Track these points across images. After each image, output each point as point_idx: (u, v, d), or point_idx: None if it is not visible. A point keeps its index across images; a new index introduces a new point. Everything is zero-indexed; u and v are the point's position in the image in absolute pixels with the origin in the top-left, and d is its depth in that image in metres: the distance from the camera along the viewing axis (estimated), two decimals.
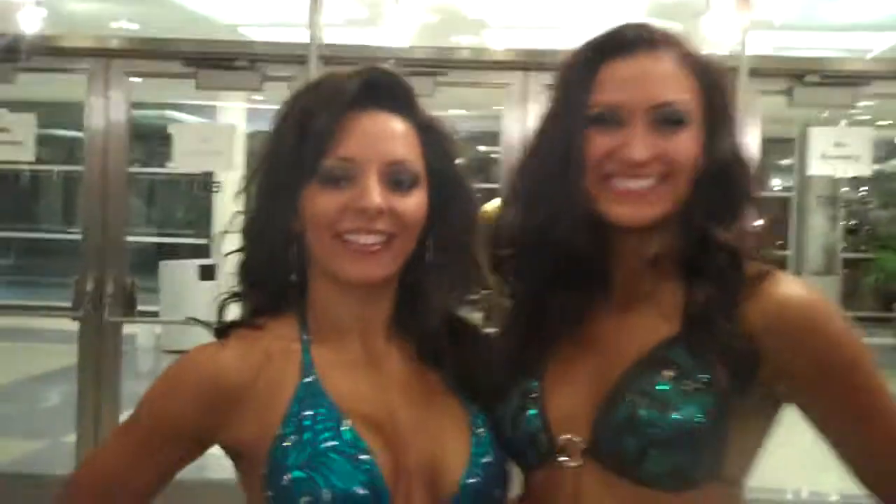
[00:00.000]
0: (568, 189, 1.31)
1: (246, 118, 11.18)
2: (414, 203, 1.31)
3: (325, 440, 1.24)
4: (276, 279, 1.37)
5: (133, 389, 5.24)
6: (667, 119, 1.30)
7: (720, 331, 1.24)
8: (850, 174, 5.67)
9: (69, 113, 7.29)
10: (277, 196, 1.32)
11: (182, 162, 5.17)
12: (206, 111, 12.02)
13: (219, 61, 4.97)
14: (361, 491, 1.22)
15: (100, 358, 5.15)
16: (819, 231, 15.35)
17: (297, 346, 1.33)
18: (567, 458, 1.28)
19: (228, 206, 10.34)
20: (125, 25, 8.51)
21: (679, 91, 1.30)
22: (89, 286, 5.02)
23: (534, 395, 1.31)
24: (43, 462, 6.50)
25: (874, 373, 1.28)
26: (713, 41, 5.88)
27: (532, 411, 1.30)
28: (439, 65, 5.07)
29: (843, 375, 1.26)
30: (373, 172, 1.28)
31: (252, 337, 1.34)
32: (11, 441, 6.97)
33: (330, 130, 1.27)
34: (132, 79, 5.09)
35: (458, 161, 1.38)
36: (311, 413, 1.26)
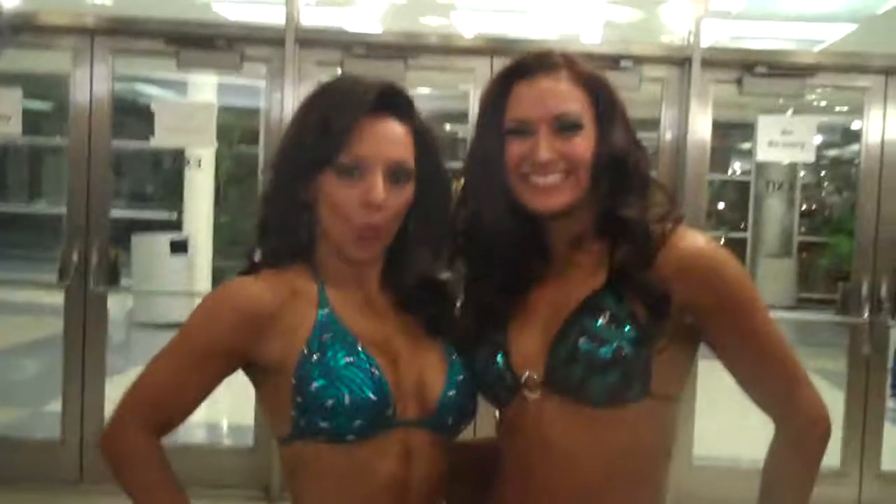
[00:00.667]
0: (497, 187, 1.65)
1: (216, 93, 11.32)
2: (407, 195, 1.63)
3: (344, 357, 1.55)
4: (290, 237, 1.64)
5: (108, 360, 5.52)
6: (564, 126, 1.61)
7: (637, 279, 1.57)
8: (796, 160, 5.98)
9: (36, 87, 7.37)
10: (297, 176, 1.61)
11: (163, 138, 5.41)
12: (178, 85, 12.16)
13: (199, 41, 5.22)
14: (373, 397, 1.53)
15: (85, 327, 5.38)
16: (776, 215, 15.77)
17: (313, 285, 1.63)
18: (529, 392, 1.59)
19: (200, 181, 10.54)
20: (99, 0, 8.62)
21: (572, 103, 1.62)
22: (74, 257, 5.25)
23: (500, 345, 1.63)
24: (25, 428, 6.71)
25: (761, 306, 1.61)
26: (670, 30, 6.19)
27: (500, 356, 1.62)
28: (409, 50, 5.34)
29: (737, 307, 1.58)
30: (379, 170, 1.58)
31: (277, 275, 1.62)
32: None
33: (349, 131, 1.57)
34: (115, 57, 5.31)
35: (439, 157, 1.69)
36: (330, 336, 1.56)
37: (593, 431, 1.55)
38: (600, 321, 1.54)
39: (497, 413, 1.69)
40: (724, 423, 5.40)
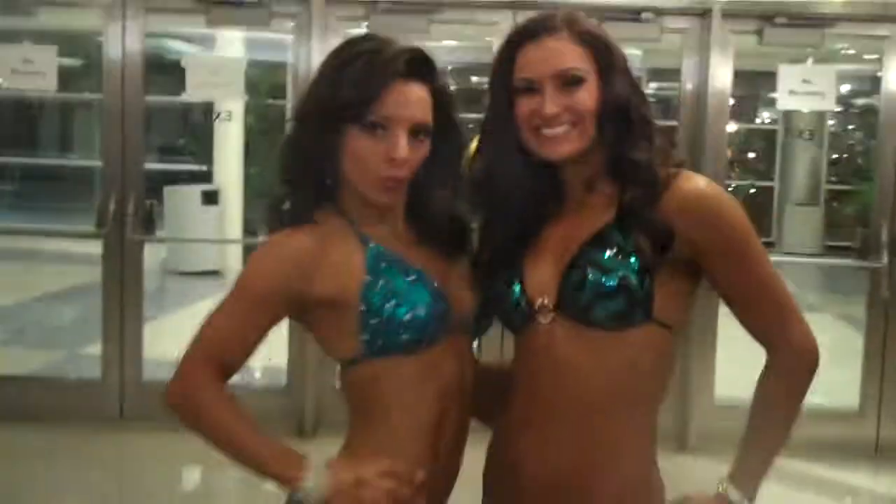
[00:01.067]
0: (512, 140, 1.80)
1: (245, 47, 11.44)
2: (424, 149, 1.78)
3: (406, 278, 1.74)
4: (314, 183, 1.79)
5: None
6: (567, 81, 1.74)
7: (643, 216, 1.71)
8: (817, 108, 6.05)
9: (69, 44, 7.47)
10: (324, 127, 1.75)
11: (194, 92, 5.58)
12: (206, 41, 12.27)
13: None
14: (441, 306, 1.75)
15: (123, 273, 5.61)
16: (804, 163, 15.76)
17: (347, 226, 1.79)
18: (542, 317, 1.75)
19: (229, 134, 10.69)
20: None
21: (573, 60, 1.75)
22: (111, 207, 5.46)
23: (516, 276, 1.79)
24: (63, 370, 6.98)
25: (756, 244, 1.74)
26: None
27: (517, 286, 1.78)
28: (433, 5, 5.45)
29: (734, 244, 1.72)
30: (403, 130, 1.73)
31: (310, 227, 1.77)
32: (32, 351, 7.46)
33: (379, 92, 1.71)
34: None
35: (453, 111, 1.84)
36: (385, 264, 1.74)
37: (598, 353, 1.71)
38: (608, 253, 1.70)
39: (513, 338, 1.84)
40: (744, 365, 5.54)
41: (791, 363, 1.75)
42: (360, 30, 5.47)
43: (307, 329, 1.83)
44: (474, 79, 12.30)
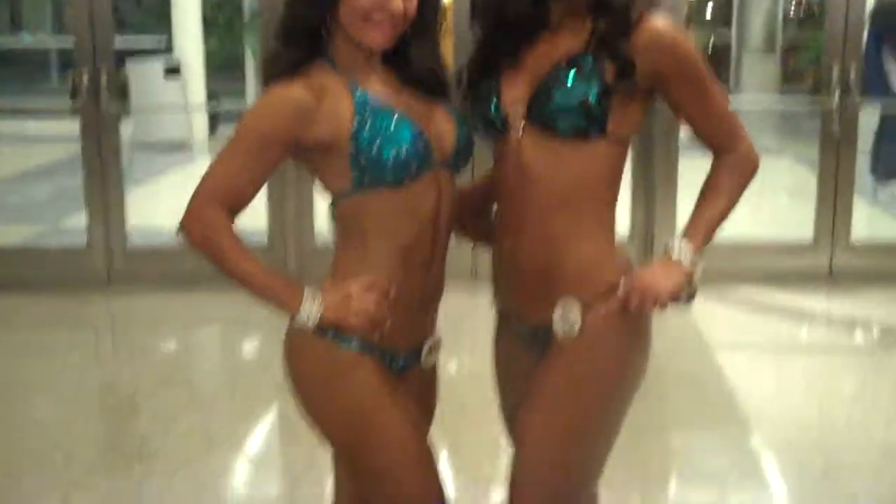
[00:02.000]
0: None
1: None
2: (414, 4, 1.95)
3: (389, 121, 1.92)
4: (308, 35, 1.95)
5: None
6: None
7: (611, 47, 1.92)
8: None
9: None
10: None
11: None
12: None
13: None
14: (421, 146, 1.93)
15: (100, 144, 5.77)
16: (761, 13, 15.85)
17: (337, 77, 1.96)
18: (514, 128, 1.97)
19: (187, 6, 10.71)
20: None
21: None
22: (85, 81, 5.58)
23: (494, 91, 2.00)
24: (44, 240, 7.22)
25: (707, 73, 1.97)
26: None
27: (494, 99, 1.99)
28: None
29: (690, 72, 1.95)
30: None
31: (304, 78, 1.93)
32: (13, 226, 7.63)
33: None
34: None
35: None
36: (371, 108, 1.92)
37: (559, 160, 1.95)
38: (573, 75, 1.92)
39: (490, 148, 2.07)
40: None
41: (737, 161, 2.02)
42: None
43: (304, 168, 2.02)
44: None
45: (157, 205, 8.58)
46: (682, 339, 5.10)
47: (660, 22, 1.94)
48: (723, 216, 2.01)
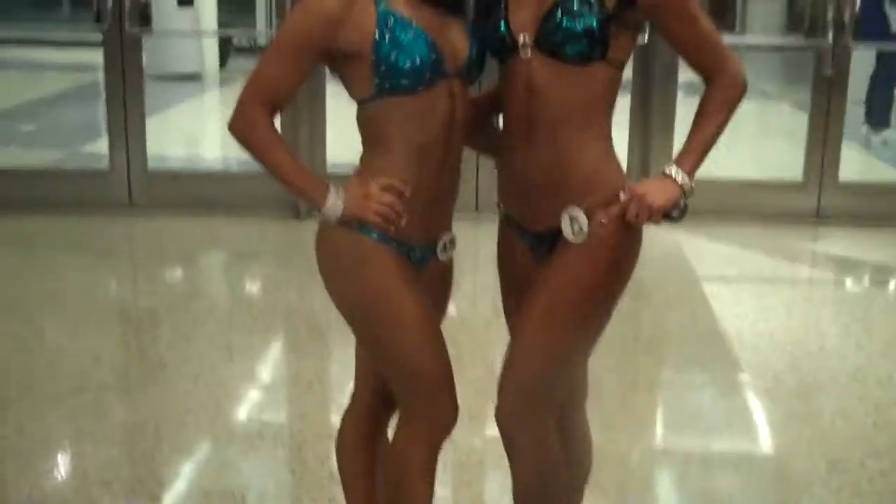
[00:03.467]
0: None
1: None
2: None
3: (407, 34, 2.16)
4: None
5: None
6: None
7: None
8: None
9: None
10: None
11: None
12: None
13: None
14: (434, 56, 2.16)
15: (124, 67, 6.00)
16: None
17: None
18: (522, 50, 2.20)
19: None
20: None
21: None
22: (109, 4, 5.80)
23: (502, 16, 2.22)
24: (67, 164, 7.47)
25: (696, 4, 2.19)
26: None
27: (503, 24, 2.22)
28: None
29: (684, 7, 2.17)
30: None
31: None
32: (35, 151, 7.89)
33: None
34: None
35: None
36: (392, 22, 2.16)
37: (564, 81, 2.18)
38: (578, 4, 2.14)
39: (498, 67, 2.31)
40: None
41: (725, 83, 2.23)
42: None
43: (334, 73, 2.26)
44: None
45: (172, 133, 8.87)
46: (673, 268, 5.40)
47: None
48: (713, 138, 2.23)
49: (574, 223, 2.22)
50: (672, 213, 2.19)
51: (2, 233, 5.82)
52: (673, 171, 2.19)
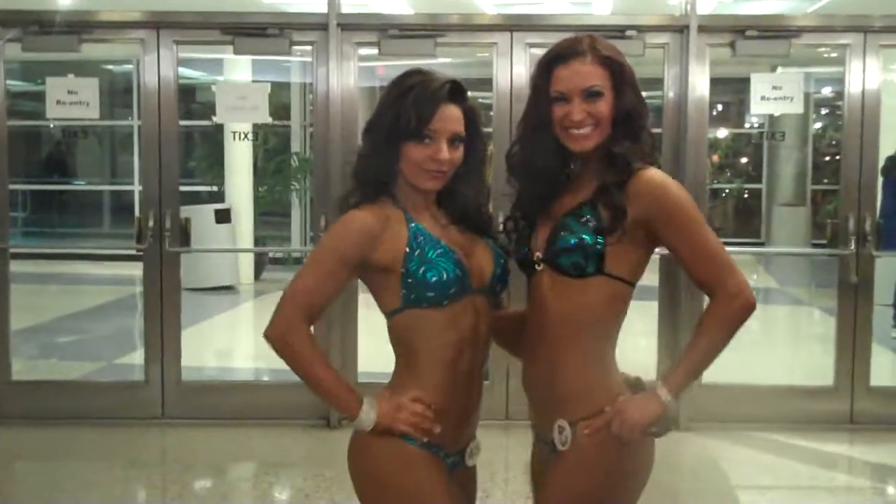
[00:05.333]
0: (547, 136, 2.36)
1: (251, 70, 11.94)
2: (459, 153, 2.35)
3: (435, 251, 2.29)
4: (378, 180, 2.35)
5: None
6: (590, 95, 2.31)
7: (608, 194, 2.28)
8: (787, 112, 6.59)
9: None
10: (390, 141, 2.32)
11: (223, 116, 6.16)
12: (210, 65, 12.80)
13: (253, 30, 5.95)
14: (460, 273, 2.30)
15: (163, 282, 6.18)
16: (790, 165, 16.32)
17: (398, 211, 2.35)
18: (538, 267, 2.34)
19: (239, 155, 11.33)
20: None
21: (595, 78, 2.31)
22: (150, 223, 6.03)
23: (527, 237, 2.38)
24: (104, 377, 7.58)
25: (697, 217, 2.28)
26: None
27: (525, 247, 2.38)
28: (438, 29, 6.02)
29: (679, 218, 2.26)
30: (444, 139, 2.30)
31: (374, 207, 2.33)
32: (73, 363, 8.02)
33: (431, 115, 2.29)
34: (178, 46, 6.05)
35: (480, 127, 2.43)
36: (423, 239, 2.30)
37: (565, 294, 2.30)
38: (576, 221, 2.29)
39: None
40: (728, 351, 6.09)
41: (725, 305, 2.26)
42: (374, 52, 6.06)
43: (365, 284, 2.38)
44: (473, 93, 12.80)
45: (211, 343, 9.00)
46: (707, 478, 5.31)
47: (651, 172, 2.29)
48: (707, 356, 2.28)
49: (562, 433, 2.31)
50: (652, 430, 2.26)
51: (34, 445, 5.84)
52: (658, 386, 2.26)
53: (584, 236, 2.27)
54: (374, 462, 2.31)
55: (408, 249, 2.29)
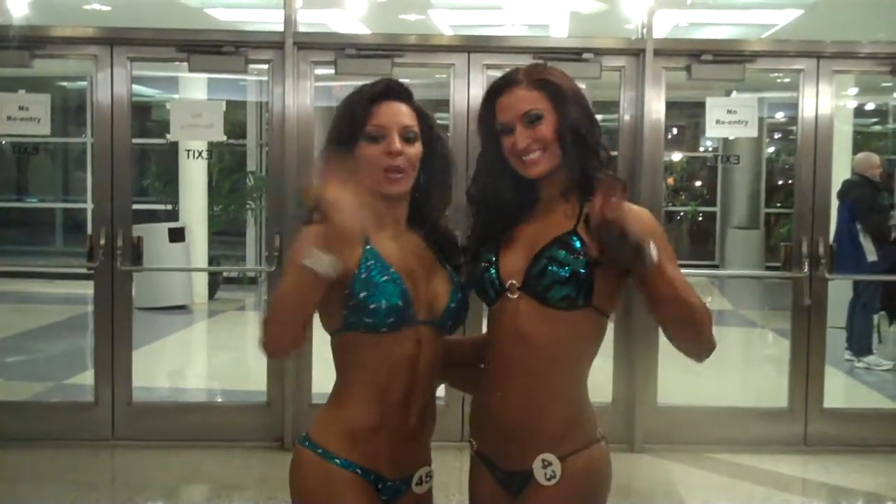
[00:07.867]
0: (501, 166, 2.34)
1: (207, 88, 11.86)
2: (416, 150, 2.31)
3: (382, 276, 2.24)
4: None
5: None
6: (530, 119, 2.29)
7: (594, 228, 2.22)
8: (741, 136, 6.65)
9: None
10: (343, 146, 2.28)
11: (178, 133, 6.09)
12: (165, 83, 12.71)
13: (208, 47, 5.90)
14: (401, 303, 2.23)
15: (114, 302, 6.07)
16: (743, 188, 16.51)
17: None
18: (510, 294, 2.28)
19: (194, 173, 11.24)
20: (96, 7, 9.16)
21: (532, 102, 2.29)
22: (101, 242, 5.94)
23: (492, 261, 2.32)
24: (53, 397, 7.45)
25: (668, 247, 2.22)
26: (629, 19, 6.84)
27: (492, 270, 2.31)
28: (395, 49, 6.01)
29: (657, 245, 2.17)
30: (395, 132, 2.28)
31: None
32: (22, 384, 7.88)
33: (371, 110, 2.27)
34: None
35: (437, 128, 2.39)
36: (372, 263, 2.25)
37: (548, 325, 2.25)
38: (564, 252, 2.24)
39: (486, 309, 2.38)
40: (686, 371, 6.11)
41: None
42: (330, 71, 6.04)
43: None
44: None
45: (158, 365, 8.88)
46: (662, 501, 5.29)
47: (630, 205, 2.24)
48: (677, 283, 2.17)
49: (547, 468, 2.26)
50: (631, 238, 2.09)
51: None
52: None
53: (576, 267, 2.23)
54: (301, 481, 2.30)
55: (356, 271, 2.24)
